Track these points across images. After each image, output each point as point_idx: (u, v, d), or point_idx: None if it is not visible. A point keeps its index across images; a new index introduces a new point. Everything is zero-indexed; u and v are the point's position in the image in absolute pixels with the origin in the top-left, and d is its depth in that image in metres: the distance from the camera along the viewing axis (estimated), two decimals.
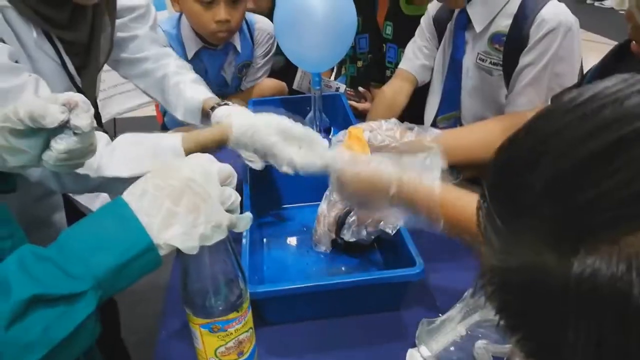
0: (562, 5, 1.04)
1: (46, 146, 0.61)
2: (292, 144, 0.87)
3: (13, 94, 0.78)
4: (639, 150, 0.25)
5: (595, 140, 0.27)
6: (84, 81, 0.97)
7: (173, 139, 0.88)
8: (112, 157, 0.84)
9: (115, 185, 0.85)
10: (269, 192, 1.14)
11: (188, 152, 0.87)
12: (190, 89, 1.16)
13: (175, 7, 1.34)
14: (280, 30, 1.16)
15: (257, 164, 0.94)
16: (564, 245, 0.26)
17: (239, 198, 0.58)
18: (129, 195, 0.52)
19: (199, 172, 0.55)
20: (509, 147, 0.32)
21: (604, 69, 0.85)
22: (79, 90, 0.96)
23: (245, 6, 1.34)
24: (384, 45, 1.53)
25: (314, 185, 1.11)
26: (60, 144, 0.60)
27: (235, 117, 0.91)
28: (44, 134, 0.60)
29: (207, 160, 0.58)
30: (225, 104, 1.09)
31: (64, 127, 0.60)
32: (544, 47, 1.02)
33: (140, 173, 0.81)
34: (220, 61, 1.44)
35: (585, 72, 1.00)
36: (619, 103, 0.27)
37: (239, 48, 1.43)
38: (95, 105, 1.04)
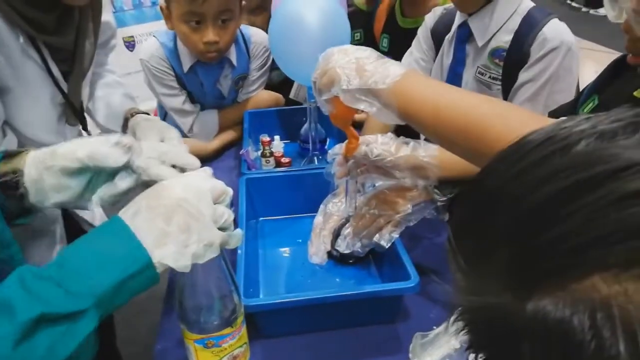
0: (563, 24, 1.06)
1: (91, 183, 0.64)
2: None
3: None
4: (579, 202, 0.26)
5: (544, 188, 0.27)
6: (70, 87, 0.98)
7: None
8: None
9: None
10: (264, 203, 1.14)
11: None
12: (118, 99, 1.19)
13: (168, 25, 1.34)
14: (274, 43, 1.17)
15: None
16: (519, 288, 0.27)
17: (232, 216, 0.59)
18: (123, 215, 0.53)
19: (192, 190, 0.55)
20: (471, 190, 0.33)
21: (600, 85, 0.86)
22: (64, 96, 0.97)
23: (235, 26, 1.34)
24: None
25: (309, 196, 1.12)
26: (124, 183, 0.62)
27: None
28: (91, 173, 0.63)
29: (200, 178, 0.58)
30: (146, 113, 1.14)
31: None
32: (545, 65, 1.04)
33: None
34: (216, 75, 1.45)
35: (581, 86, 1.01)
36: (567, 150, 0.28)
37: (234, 62, 1.43)
38: (82, 110, 1.06)
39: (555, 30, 1.04)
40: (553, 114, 0.98)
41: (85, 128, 1.09)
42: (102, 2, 1.03)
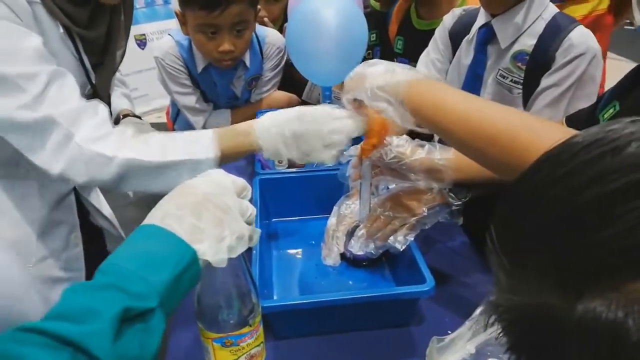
0: (589, 31, 1.06)
1: None
2: None
3: (41, 77, 0.79)
4: (632, 204, 0.26)
5: (594, 189, 0.27)
6: (99, 79, 0.99)
7: (205, 131, 0.87)
8: (145, 145, 0.83)
9: (141, 175, 0.83)
10: (278, 204, 1.14)
11: (221, 140, 0.85)
12: (116, 98, 1.21)
13: (183, 30, 1.34)
14: (292, 44, 1.17)
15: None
16: (567, 288, 0.27)
17: (255, 211, 0.59)
18: (151, 220, 0.52)
19: (216, 186, 0.56)
20: (515, 189, 0.33)
21: (621, 91, 0.86)
22: (92, 87, 0.98)
23: (250, 33, 1.35)
24: (395, 59, 1.54)
25: (323, 198, 1.12)
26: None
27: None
28: None
29: (221, 174, 0.59)
30: (137, 117, 1.17)
31: None
32: (569, 70, 1.03)
33: (173, 160, 0.82)
34: (229, 76, 1.45)
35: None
36: (618, 151, 0.28)
37: (248, 63, 1.43)
38: (109, 104, 1.06)
39: (582, 36, 1.04)
40: (570, 119, 0.98)
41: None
42: (133, 0, 1.04)
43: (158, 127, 1.22)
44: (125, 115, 1.20)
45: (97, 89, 0.99)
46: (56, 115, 0.79)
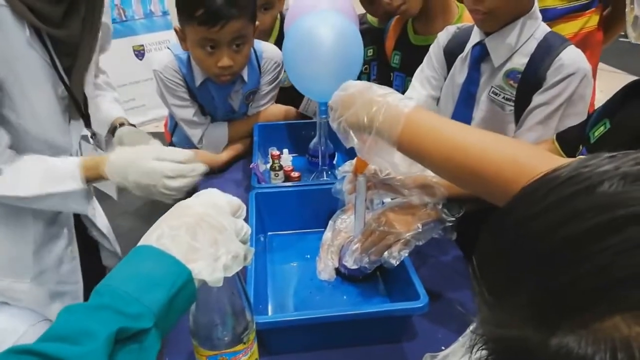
0: (579, 51, 1.08)
1: None
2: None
3: None
4: (602, 244, 0.26)
5: (567, 228, 0.28)
6: (72, 80, 0.99)
7: (73, 164, 0.95)
8: (18, 178, 0.91)
9: (19, 203, 0.93)
10: (273, 217, 1.15)
11: (84, 172, 0.94)
12: (108, 103, 1.25)
13: (182, 46, 1.35)
14: (288, 59, 1.19)
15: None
16: (542, 323, 0.28)
17: (250, 230, 0.59)
18: (147, 241, 0.53)
19: (211, 205, 0.56)
20: (494, 225, 0.34)
21: (611, 109, 0.87)
22: (67, 89, 0.98)
23: (249, 48, 1.35)
24: (391, 74, 1.55)
25: (318, 212, 1.12)
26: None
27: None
28: None
29: (215, 193, 0.59)
30: (132, 125, 1.22)
31: None
32: (560, 89, 1.05)
33: (46, 192, 0.91)
34: (227, 90, 1.46)
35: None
36: (591, 190, 0.28)
37: (245, 78, 1.44)
38: (85, 105, 1.06)
39: (572, 57, 1.05)
40: (561, 136, 0.99)
41: (88, 125, 1.08)
42: None
43: (155, 137, 1.23)
44: (121, 124, 1.21)
45: (72, 89, 0.98)
46: None
